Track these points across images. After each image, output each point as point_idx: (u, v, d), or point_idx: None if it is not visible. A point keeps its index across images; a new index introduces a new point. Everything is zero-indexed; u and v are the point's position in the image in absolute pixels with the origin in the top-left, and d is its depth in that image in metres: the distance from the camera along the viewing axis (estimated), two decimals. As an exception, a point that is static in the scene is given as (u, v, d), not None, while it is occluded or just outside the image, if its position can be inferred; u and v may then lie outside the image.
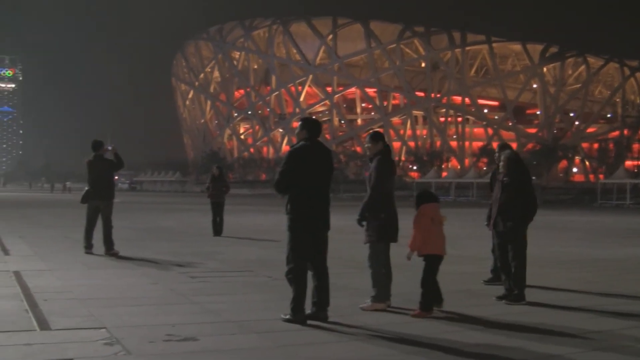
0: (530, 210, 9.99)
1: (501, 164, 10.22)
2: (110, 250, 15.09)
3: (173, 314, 8.45)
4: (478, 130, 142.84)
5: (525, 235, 10.08)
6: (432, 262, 8.88)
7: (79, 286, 10.57)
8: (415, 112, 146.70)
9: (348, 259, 14.29)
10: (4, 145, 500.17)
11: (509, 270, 9.89)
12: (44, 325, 7.68)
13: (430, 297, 8.77)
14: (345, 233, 16.58)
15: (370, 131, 10.04)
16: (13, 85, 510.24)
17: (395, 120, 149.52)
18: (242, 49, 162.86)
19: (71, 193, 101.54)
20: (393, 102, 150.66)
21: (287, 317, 8.04)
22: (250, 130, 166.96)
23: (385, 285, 9.14)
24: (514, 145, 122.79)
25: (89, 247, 15.31)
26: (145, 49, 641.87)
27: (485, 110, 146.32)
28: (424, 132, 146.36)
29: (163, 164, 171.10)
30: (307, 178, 8.22)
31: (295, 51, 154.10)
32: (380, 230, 9.09)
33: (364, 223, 9.21)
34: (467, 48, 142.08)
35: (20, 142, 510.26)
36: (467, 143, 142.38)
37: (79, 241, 15.86)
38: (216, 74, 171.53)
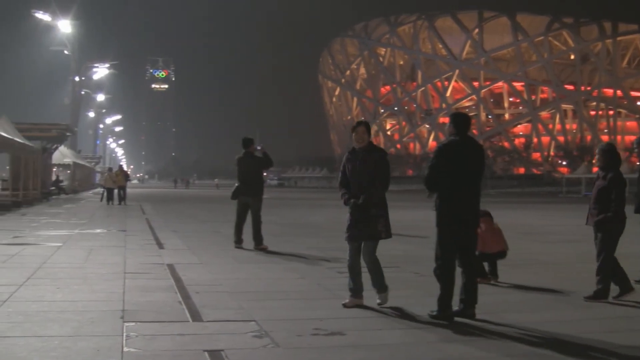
0: (619, 205, 9.19)
1: (596, 156, 9.64)
2: (259, 245, 15.33)
3: (320, 308, 8.54)
4: (631, 124, 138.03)
5: (617, 233, 9.30)
6: (486, 257, 10.82)
7: (229, 279, 10.84)
8: (564, 106, 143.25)
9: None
10: (159, 143, 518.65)
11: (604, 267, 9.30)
12: (196, 316, 7.91)
13: (481, 269, 10.46)
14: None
15: (360, 120, 9.44)
16: (166, 86, 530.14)
17: (544, 114, 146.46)
18: (388, 45, 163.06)
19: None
20: (541, 95, 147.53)
21: (434, 313, 7.97)
22: (397, 126, 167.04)
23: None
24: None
25: (238, 242, 15.61)
26: (292, 47, 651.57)
27: (639, 103, 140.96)
28: (574, 126, 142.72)
29: (310, 160, 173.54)
30: (456, 173, 8.07)
31: (440, 46, 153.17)
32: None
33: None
34: (619, 38, 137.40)
35: (173, 139, 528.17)
36: (619, 137, 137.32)
37: (229, 236, 16.22)
38: (362, 70, 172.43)
